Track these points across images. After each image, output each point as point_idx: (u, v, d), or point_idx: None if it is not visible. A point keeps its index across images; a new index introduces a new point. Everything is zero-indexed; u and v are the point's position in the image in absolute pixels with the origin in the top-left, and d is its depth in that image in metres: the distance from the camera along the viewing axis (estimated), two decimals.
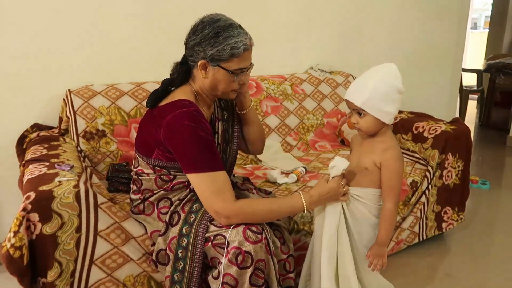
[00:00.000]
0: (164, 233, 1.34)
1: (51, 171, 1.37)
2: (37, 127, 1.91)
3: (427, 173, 2.02)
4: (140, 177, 1.39)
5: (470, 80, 5.16)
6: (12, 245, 1.14)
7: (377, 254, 1.33)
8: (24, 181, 1.34)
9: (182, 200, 1.36)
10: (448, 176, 2.06)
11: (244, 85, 1.38)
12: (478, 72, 5.01)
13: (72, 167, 1.42)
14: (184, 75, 1.35)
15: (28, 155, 1.59)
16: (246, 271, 1.21)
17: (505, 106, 4.77)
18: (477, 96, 5.29)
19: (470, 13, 4.86)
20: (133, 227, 1.39)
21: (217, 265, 1.27)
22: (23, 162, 1.59)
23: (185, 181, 1.35)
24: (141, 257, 1.40)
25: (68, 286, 1.28)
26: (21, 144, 1.83)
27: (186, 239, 1.28)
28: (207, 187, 1.23)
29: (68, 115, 1.86)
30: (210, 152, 1.25)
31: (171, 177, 1.35)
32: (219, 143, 1.42)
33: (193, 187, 1.29)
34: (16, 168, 1.72)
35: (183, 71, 1.34)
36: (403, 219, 1.98)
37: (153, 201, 1.38)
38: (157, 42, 2.16)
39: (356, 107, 1.29)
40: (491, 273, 1.95)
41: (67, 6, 1.92)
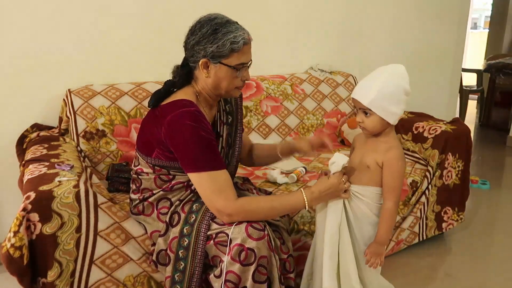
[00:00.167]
0: (165, 233, 1.34)
1: (51, 171, 1.37)
2: (37, 127, 1.91)
3: (427, 173, 2.02)
4: (139, 176, 1.39)
5: (470, 80, 5.16)
6: (12, 245, 1.14)
7: (375, 253, 1.33)
8: (24, 181, 1.34)
9: (182, 200, 1.36)
10: (448, 176, 2.06)
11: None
12: (478, 72, 5.01)
13: (72, 167, 1.42)
14: (185, 77, 1.35)
15: (28, 155, 1.59)
16: (249, 267, 1.22)
17: (505, 106, 4.77)
18: (477, 96, 5.29)
19: (470, 13, 4.86)
20: (133, 227, 1.39)
21: (218, 263, 1.27)
22: (23, 162, 1.59)
23: (185, 181, 1.35)
24: (141, 257, 1.40)
25: (68, 286, 1.28)
26: (21, 144, 1.82)
27: (187, 239, 1.28)
28: (208, 186, 1.24)
29: (68, 115, 1.86)
30: (211, 151, 1.25)
31: (171, 177, 1.35)
32: (223, 147, 1.42)
33: (194, 186, 1.29)
34: (16, 168, 1.72)
35: (185, 74, 1.34)
36: (403, 219, 1.98)
37: (152, 201, 1.38)
38: (157, 42, 2.16)
39: (362, 106, 1.29)
40: (491, 273, 1.95)
41: (67, 6, 1.92)
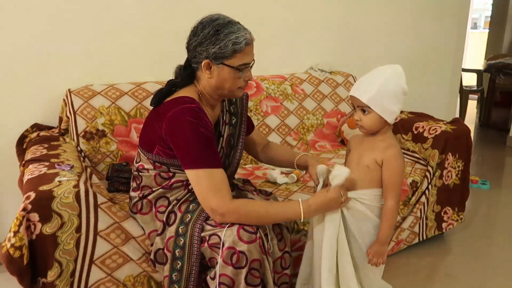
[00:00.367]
0: (162, 232, 1.34)
1: (51, 171, 1.37)
2: (37, 127, 1.91)
3: (427, 173, 2.02)
4: (140, 173, 1.39)
5: (470, 80, 5.16)
6: (12, 245, 1.14)
7: (377, 252, 1.33)
8: (24, 181, 1.34)
9: (180, 200, 1.36)
10: (448, 176, 2.06)
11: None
12: (478, 72, 5.01)
13: (72, 167, 1.42)
14: (188, 78, 1.35)
15: (28, 155, 1.59)
16: (241, 271, 1.21)
17: (505, 106, 4.77)
18: (477, 96, 5.29)
19: (470, 13, 4.86)
20: (133, 227, 1.39)
21: (215, 265, 1.27)
22: (23, 162, 1.59)
23: (184, 180, 1.35)
24: (141, 257, 1.40)
25: (68, 286, 1.28)
26: (21, 144, 1.82)
27: (182, 239, 1.28)
28: (204, 184, 1.23)
29: (68, 115, 1.86)
30: (210, 149, 1.25)
31: (170, 174, 1.35)
32: (223, 147, 1.42)
33: (190, 183, 1.28)
34: (16, 168, 1.71)
35: (187, 75, 1.34)
36: (403, 219, 1.98)
37: (151, 199, 1.38)
38: (157, 42, 2.16)
39: (361, 103, 1.29)
40: (491, 273, 1.94)
41: (67, 6, 1.92)
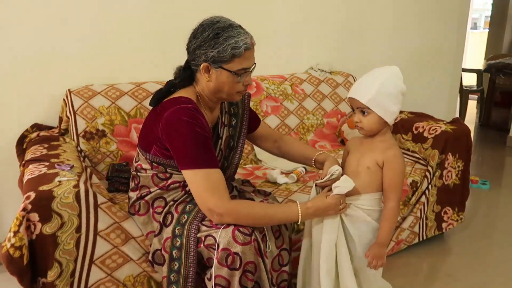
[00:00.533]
0: (159, 233, 1.34)
1: (51, 171, 1.37)
2: (37, 127, 1.91)
3: (427, 173, 2.02)
4: (138, 173, 1.39)
5: (470, 80, 5.16)
6: (12, 245, 1.14)
7: (376, 255, 1.31)
8: (24, 181, 1.34)
9: (176, 201, 1.36)
10: (448, 176, 2.06)
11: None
12: (478, 72, 5.01)
13: (72, 167, 1.42)
14: (187, 79, 1.35)
15: (28, 155, 1.59)
16: (235, 272, 1.21)
17: (505, 106, 4.77)
18: (477, 96, 5.29)
19: (470, 13, 4.86)
20: (133, 227, 1.39)
21: (213, 265, 1.27)
22: (23, 162, 1.59)
23: (181, 181, 1.35)
24: (141, 257, 1.40)
25: (68, 286, 1.28)
26: (21, 144, 1.83)
27: (179, 240, 1.28)
28: (201, 184, 1.23)
29: (68, 115, 1.86)
30: (206, 149, 1.25)
31: (167, 175, 1.35)
32: (221, 149, 1.42)
33: (187, 184, 1.28)
34: (16, 168, 1.72)
35: (186, 76, 1.34)
36: (403, 219, 1.98)
37: (148, 200, 1.38)
38: (157, 42, 2.16)
39: (361, 105, 1.29)
40: (491, 273, 1.94)
41: (67, 7, 1.92)
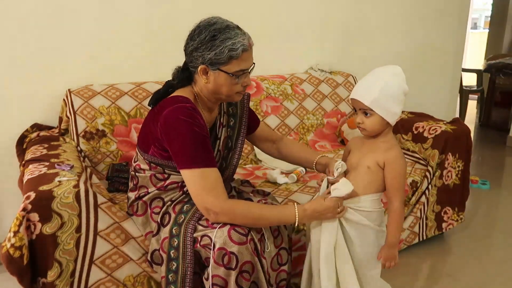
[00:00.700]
0: (157, 233, 1.34)
1: (51, 171, 1.37)
2: (37, 127, 1.91)
3: (427, 173, 2.02)
4: (137, 173, 1.39)
5: (470, 80, 5.16)
6: (12, 245, 1.14)
7: (389, 256, 1.32)
8: (24, 181, 1.34)
9: (174, 201, 1.36)
10: (448, 176, 2.06)
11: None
12: (478, 72, 5.01)
13: (72, 167, 1.42)
14: (185, 80, 1.35)
15: (28, 155, 1.59)
16: (231, 272, 1.20)
17: (505, 106, 4.77)
18: (477, 96, 5.29)
19: (470, 13, 4.86)
20: (133, 227, 1.39)
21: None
22: (23, 162, 1.59)
23: (179, 181, 1.35)
24: (141, 257, 1.40)
25: (68, 286, 1.28)
26: (21, 144, 1.83)
27: (176, 240, 1.28)
28: (198, 183, 1.22)
29: (68, 115, 1.86)
30: (204, 148, 1.25)
31: (165, 176, 1.35)
32: (219, 150, 1.42)
33: (185, 184, 1.28)
34: (16, 168, 1.72)
35: (185, 77, 1.34)
36: (403, 219, 1.98)
37: (146, 200, 1.38)
38: (157, 42, 2.16)
39: (363, 106, 1.27)
40: (491, 273, 1.94)
41: (68, 6, 1.92)
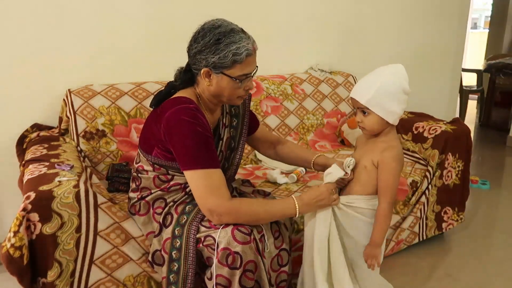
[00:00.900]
0: (159, 234, 1.34)
1: (51, 171, 1.37)
2: (37, 127, 1.91)
3: (427, 173, 2.02)
4: (139, 175, 1.39)
5: (470, 80, 5.16)
6: (12, 245, 1.14)
7: (370, 255, 1.33)
8: (24, 181, 1.34)
9: (176, 201, 1.36)
10: (448, 176, 2.06)
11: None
12: (478, 72, 5.01)
13: (72, 167, 1.42)
14: (188, 81, 1.35)
15: (28, 155, 1.59)
16: (236, 272, 1.21)
17: (505, 106, 4.77)
18: (477, 96, 5.29)
19: (470, 13, 4.86)
20: (133, 227, 1.39)
21: (212, 264, 1.27)
22: (23, 162, 1.59)
23: (182, 183, 1.35)
24: (141, 257, 1.40)
25: (68, 286, 1.28)
26: (21, 144, 1.82)
27: (179, 241, 1.28)
28: (201, 184, 1.22)
29: (68, 115, 1.86)
30: (207, 148, 1.25)
31: (169, 177, 1.35)
32: (222, 150, 1.42)
33: (188, 185, 1.28)
34: (16, 168, 1.72)
35: (187, 78, 1.34)
36: (403, 219, 1.98)
37: (149, 200, 1.38)
38: (157, 42, 2.16)
39: (360, 105, 1.28)
40: (491, 273, 1.94)
41: (68, 7, 1.92)
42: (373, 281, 1.44)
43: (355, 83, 2.66)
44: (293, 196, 1.33)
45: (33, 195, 1.20)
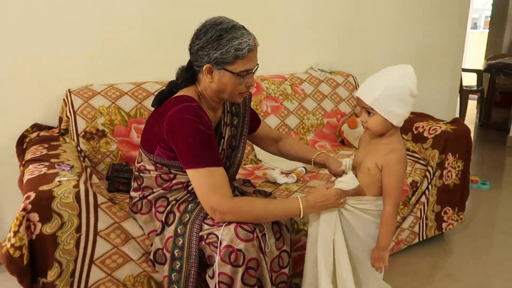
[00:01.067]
0: (161, 232, 1.34)
1: (51, 171, 1.37)
2: (37, 127, 1.91)
3: (427, 173, 2.02)
4: (141, 174, 1.39)
5: (470, 80, 5.17)
6: (12, 245, 1.14)
7: (378, 258, 1.32)
8: (24, 181, 1.34)
9: (179, 200, 1.36)
10: (448, 176, 2.06)
11: None
12: (478, 72, 5.01)
13: (72, 167, 1.42)
14: (189, 79, 1.35)
15: (28, 155, 1.59)
16: (238, 269, 1.21)
17: (505, 106, 4.78)
18: (477, 96, 5.29)
19: (470, 13, 4.86)
20: (133, 227, 1.39)
21: (213, 263, 1.27)
22: (23, 162, 1.59)
23: (185, 181, 1.35)
24: (141, 257, 1.40)
25: (68, 286, 1.28)
26: (21, 144, 1.83)
27: (181, 239, 1.28)
28: (204, 182, 1.23)
29: (68, 115, 1.86)
30: (210, 147, 1.25)
31: (171, 176, 1.35)
32: (224, 149, 1.42)
33: (191, 183, 1.28)
34: (16, 168, 1.72)
35: (189, 76, 1.34)
36: (403, 219, 1.98)
37: (151, 199, 1.38)
38: (157, 42, 2.16)
39: (365, 105, 1.27)
40: (491, 273, 1.95)
41: (68, 7, 1.92)
42: (375, 282, 1.44)
43: (355, 83, 2.67)
44: (298, 196, 1.32)
45: (33, 195, 1.20)
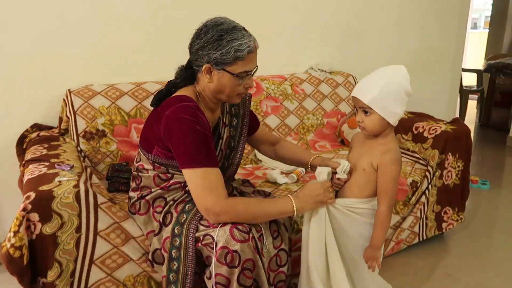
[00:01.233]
0: (159, 232, 1.34)
1: (51, 171, 1.37)
2: (37, 127, 1.91)
3: (427, 173, 2.02)
4: (140, 173, 1.40)
5: (470, 80, 5.17)
6: (12, 245, 1.14)
7: (370, 257, 1.33)
8: (24, 181, 1.34)
9: (176, 200, 1.36)
10: (448, 176, 2.06)
11: None
12: (478, 72, 5.01)
13: (72, 167, 1.42)
14: (188, 79, 1.35)
15: (28, 155, 1.59)
16: (234, 270, 1.21)
17: (505, 106, 4.78)
18: (477, 96, 5.29)
19: (470, 13, 4.86)
20: (133, 227, 1.39)
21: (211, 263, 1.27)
22: (23, 162, 1.59)
23: (182, 181, 1.35)
24: (141, 257, 1.40)
25: (68, 286, 1.28)
26: (21, 144, 1.83)
27: (178, 239, 1.28)
28: (199, 183, 1.23)
29: (68, 115, 1.86)
30: (206, 147, 1.25)
31: (169, 176, 1.35)
32: (222, 149, 1.42)
33: (186, 183, 1.28)
34: (16, 168, 1.72)
35: (188, 75, 1.34)
36: (403, 219, 1.98)
37: (149, 199, 1.38)
38: (157, 42, 2.16)
39: (363, 104, 1.27)
40: (491, 273, 1.95)
41: (68, 7, 1.92)
42: (372, 281, 1.44)
43: (355, 83, 2.66)
44: (290, 196, 1.33)
45: (33, 195, 1.20)
